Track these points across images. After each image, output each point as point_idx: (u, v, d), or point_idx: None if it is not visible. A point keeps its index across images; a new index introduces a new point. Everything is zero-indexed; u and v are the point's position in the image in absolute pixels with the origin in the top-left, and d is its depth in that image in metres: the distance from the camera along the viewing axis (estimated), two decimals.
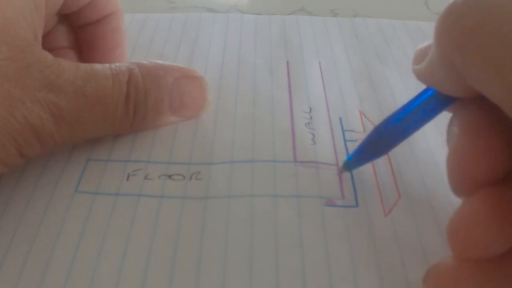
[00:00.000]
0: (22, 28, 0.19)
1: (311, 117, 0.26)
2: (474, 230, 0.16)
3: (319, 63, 0.31)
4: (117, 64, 0.23)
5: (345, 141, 0.25)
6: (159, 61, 0.24)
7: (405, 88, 0.29)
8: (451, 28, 0.15)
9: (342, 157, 0.24)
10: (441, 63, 0.16)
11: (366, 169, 0.23)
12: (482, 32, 0.13)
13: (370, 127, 0.26)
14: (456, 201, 0.18)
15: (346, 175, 0.23)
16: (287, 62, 0.31)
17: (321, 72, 0.30)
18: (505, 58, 0.13)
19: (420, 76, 0.18)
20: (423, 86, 0.19)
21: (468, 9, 0.14)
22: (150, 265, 0.19)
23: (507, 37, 0.13)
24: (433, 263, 0.19)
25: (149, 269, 0.19)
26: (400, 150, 0.24)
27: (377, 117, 0.26)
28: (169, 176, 0.23)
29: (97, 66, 0.22)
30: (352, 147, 0.24)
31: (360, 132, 0.25)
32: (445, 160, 0.17)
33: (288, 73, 0.30)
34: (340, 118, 0.26)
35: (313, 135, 0.25)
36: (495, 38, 0.13)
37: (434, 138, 0.25)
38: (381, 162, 0.24)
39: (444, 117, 0.22)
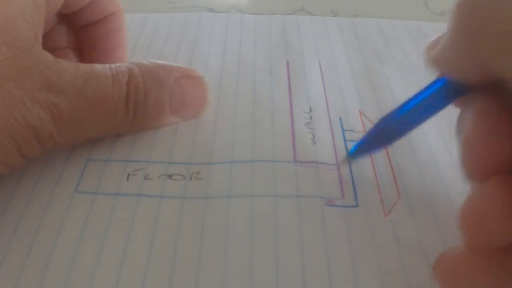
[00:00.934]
0: (23, 28, 0.19)
1: (311, 117, 0.26)
2: (489, 217, 0.16)
3: (319, 63, 0.31)
4: (117, 64, 0.23)
5: (345, 141, 0.25)
6: (159, 61, 0.24)
7: (405, 88, 0.29)
8: (470, 5, 0.15)
9: (342, 157, 0.24)
10: (457, 44, 0.16)
11: (366, 169, 0.23)
12: (500, 7, 0.13)
13: (370, 127, 0.25)
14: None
15: (347, 174, 0.23)
16: (287, 62, 0.31)
17: (321, 72, 0.30)
18: None
19: (434, 61, 0.18)
20: (423, 86, 0.19)
21: None
22: (150, 265, 0.19)
23: None
24: (433, 263, 0.19)
25: (149, 269, 0.19)
26: (400, 150, 0.24)
27: (377, 117, 0.26)
28: (169, 176, 0.23)
29: (97, 67, 0.22)
30: None
31: (360, 132, 0.25)
32: (458, 147, 0.17)
33: (288, 73, 0.30)
34: (340, 118, 0.26)
35: (313, 135, 0.25)
36: None
37: (434, 138, 0.25)
38: (381, 162, 0.24)
39: (444, 118, 0.22)
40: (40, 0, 0.21)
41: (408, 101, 0.20)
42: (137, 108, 0.23)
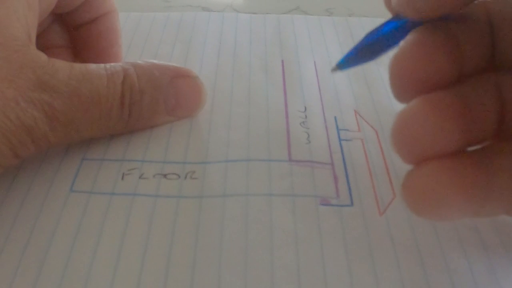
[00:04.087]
0: (15, 28, 0.19)
1: (306, 116, 0.26)
2: (415, 125, 0.17)
3: (314, 63, 0.31)
4: (112, 64, 0.23)
5: (340, 140, 0.25)
6: (154, 61, 0.24)
7: None
8: None
9: (337, 157, 0.24)
10: None
11: (361, 168, 0.23)
12: None
13: (365, 126, 0.26)
14: None
15: (342, 174, 0.23)
16: (282, 61, 0.31)
17: (316, 72, 0.30)
18: None
19: (398, 5, 0.18)
20: None
21: None
22: (145, 264, 0.19)
23: None
24: (428, 262, 0.19)
25: (144, 268, 0.19)
26: None
27: (372, 116, 0.26)
28: (164, 175, 0.23)
29: (92, 66, 0.22)
30: (347, 146, 0.25)
31: (355, 131, 0.25)
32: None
33: (283, 72, 0.30)
34: (335, 117, 0.26)
35: (308, 134, 0.25)
36: None
37: None
38: (376, 161, 0.24)
39: None
40: (33, 0, 0.21)
41: (384, 24, 0.20)
42: (132, 108, 0.23)
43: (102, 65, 0.22)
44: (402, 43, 0.18)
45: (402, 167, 0.23)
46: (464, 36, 0.18)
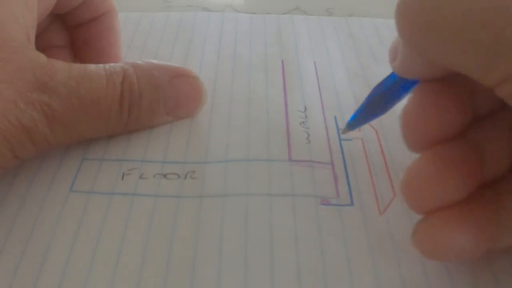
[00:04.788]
0: (14, 29, 0.19)
1: (306, 116, 0.26)
2: (417, 185, 0.17)
3: (314, 63, 0.31)
4: (111, 64, 0.23)
5: (340, 140, 0.25)
6: (154, 61, 0.24)
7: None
8: (410, 19, 0.15)
9: (337, 156, 0.24)
10: (411, 55, 0.17)
11: (361, 168, 0.23)
12: (437, 15, 0.14)
13: (365, 126, 0.26)
14: None
15: (342, 173, 0.23)
16: (282, 61, 0.31)
17: (316, 72, 0.30)
18: (458, 32, 0.13)
19: (398, 72, 0.18)
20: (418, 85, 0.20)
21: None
22: (145, 264, 0.19)
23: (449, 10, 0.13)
24: (428, 262, 0.19)
25: (144, 268, 0.19)
26: (395, 149, 0.24)
27: None
28: (164, 175, 0.23)
29: (91, 67, 0.22)
30: (347, 146, 0.24)
31: (355, 131, 0.25)
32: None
33: (283, 72, 0.30)
34: (335, 117, 0.26)
35: (308, 134, 0.25)
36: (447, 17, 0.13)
37: None
38: (376, 161, 0.24)
39: None
40: (31, 1, 0.21)
41: (389, 77, 0.20)
42: (131, 109, 0.23)
43: (101, 65, 0.22)
44: (410, 95, 0.18)
45: (402, 167, 0.24)
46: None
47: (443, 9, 0.13)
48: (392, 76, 0.20)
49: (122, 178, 0.23)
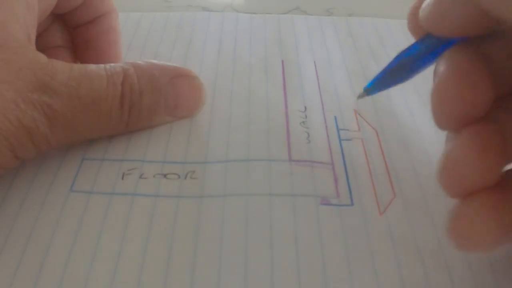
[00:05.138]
0: (15, 29, 0.19)
1: (306, 116, 0.26)
2: (463, 165, 0.17)
3: (314, 63, 0.31)
4: (111, 64, 0.23)
5: (340, 140, 0.25)
6: (154, 61, 0.24)
7: (400, 87, 0.29)
8: None
9: (337, 156, 0.24)
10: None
11: (361, 168, 0.23)
12: None
13: (365, 126, 0.26)
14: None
15: (342, 173, 0.23)
16: (282, 61, 0.31)
17: (316, 71, 0.30)
18: None
19: (429, 23, 0.18)
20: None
21: None
22: (145, 264, 0.19)
23: None
24: (428, 262, 0.19)
25: (144, 268, 0.19)
26: (395, 149, 0.24)
27: (372, 116, 0.26)
28: (164, 175, 0.23)
29: (91, 67, 0.22)
30: (347, 146, 0.25)
31: (355, 131, 0.25)
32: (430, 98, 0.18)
33: (283, 72, 0.30)
34: (335, 117, 0.26)
35: (308, 134, 0.25)
36: None
37: (429, 138, 0.25)
38: (376, 161, 0.24)
39: None
40: (32, 1, 0.21)
41: (413, 45, 0.20)
42: (131, 109, 0.23)
43: (102, 65, 0.22)
44: (440, 71, 0.18)
45: (402, 167, 0.24)
46: (498, 55, 0.18)
47: None
48: (416, 45, 0.20)
49: (122, 178, 0.23)
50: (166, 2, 0.38)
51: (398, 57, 0.21)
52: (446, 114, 0.18)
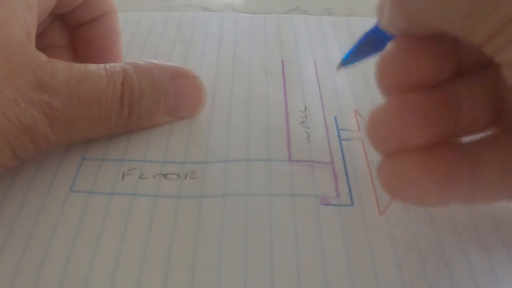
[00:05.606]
0: (15, 28, 0.19)
1: (306, 116, 0.26)
2: (386, 123, 0.18)
3: (314, 62, 0.31)
4: (111, 64, 0.23)
5: (340, 140, 0.25)
6: (154, 61, 0.24)
7: None
8: None
9: (337, 156, 0.24)
10: (398, 14, 0.17)
11: (361, 168, 0.23)
12: None
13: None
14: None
15: (342, 173, 0.23)
16: (282, 61, 0.31)
17: (316, 71, 0.30)
18: None
19: (385, 28, 0.19)
20: None
21: None
22: (145, 264, 0.19)
23: None
24: (428, 262, 0.19)
25: (144, 268, 0.19)
26: None
27: None
28: (164, 175, 0.23)
29: (92, 67, 0.22)
30: (347, 146, 0.24)
31: (355, 131, 0.25)
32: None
33: (283, 72, 0.30)
34: (335, 117, 0.26)
35: (308, 134, 0.25)
36: None
37: None
38: (376, 160, 0.24)
39: None
40: (32, 0, 0.21)
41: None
42: (131, 109, 0.23)
43: (102, 65, 0.22)
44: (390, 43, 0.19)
45: None
46: None
47: None
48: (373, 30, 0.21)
49: (122, 178, 0.23)
50: (166, 2, 0.38)
51: (367, 33, 0.22)
52: (386, 79, 0.19)
